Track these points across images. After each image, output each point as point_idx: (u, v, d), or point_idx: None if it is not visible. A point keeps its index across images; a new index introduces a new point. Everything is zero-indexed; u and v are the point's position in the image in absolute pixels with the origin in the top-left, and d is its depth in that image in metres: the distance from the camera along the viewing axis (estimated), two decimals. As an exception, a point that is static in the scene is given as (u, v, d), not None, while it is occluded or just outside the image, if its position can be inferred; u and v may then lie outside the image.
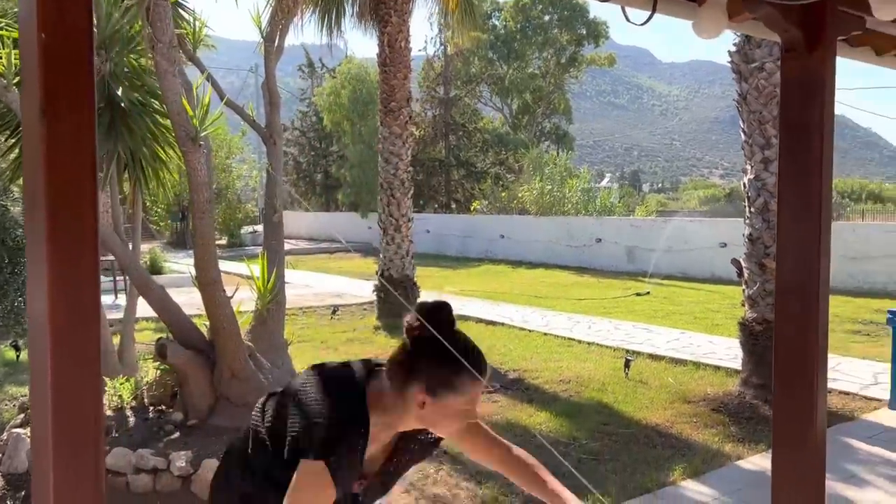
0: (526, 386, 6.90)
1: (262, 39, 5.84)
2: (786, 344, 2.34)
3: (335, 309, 11.03)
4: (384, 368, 1.68)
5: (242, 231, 27.95)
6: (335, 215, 30.44)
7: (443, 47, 29.44)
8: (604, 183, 48.78)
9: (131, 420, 4.88)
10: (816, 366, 2.29)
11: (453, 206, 29.03)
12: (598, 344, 8.65)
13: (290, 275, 17.28)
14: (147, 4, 3.57)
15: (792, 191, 2.22)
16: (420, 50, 30.00)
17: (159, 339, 4.72)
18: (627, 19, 2.88)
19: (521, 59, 35.83)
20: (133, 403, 5.24)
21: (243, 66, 35.57)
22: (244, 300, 5.58)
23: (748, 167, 5.95)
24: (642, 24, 2.71)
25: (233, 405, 4.79)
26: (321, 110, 28.19)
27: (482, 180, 29.40)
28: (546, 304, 12.28)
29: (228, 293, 4.82)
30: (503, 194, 25.05)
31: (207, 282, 4.27)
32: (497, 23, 37.34)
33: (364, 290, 12.85)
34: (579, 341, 8.85)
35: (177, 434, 4.70)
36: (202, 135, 3.76)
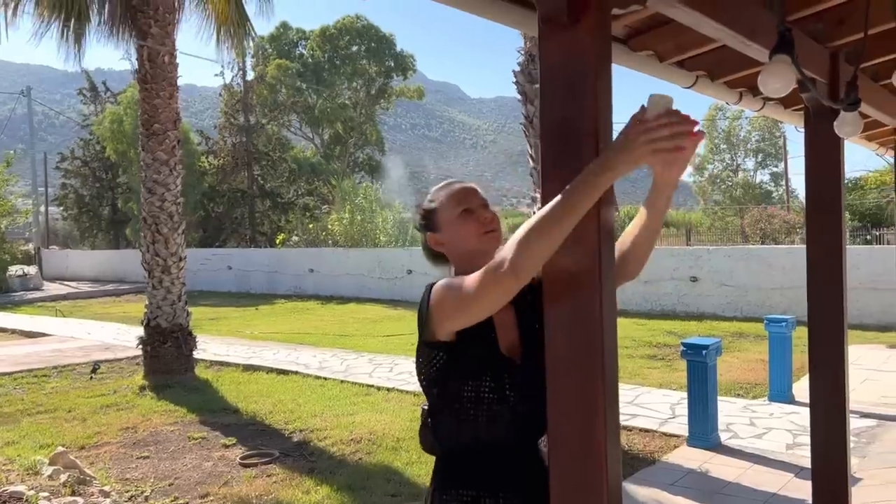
0: (311, 451, 5.94)
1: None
2: (562, 408, 1.60)
3: (96, 366, 9.35)
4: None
5: (9, 274, 24.19)
6: (125, 252, 27.45)
7: (240, 72, 27.95)
8: (419, 213, 49.19)
9: None
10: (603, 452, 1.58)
11: (259, 239, 27.34)
12: (398, 390, 7.91)
13: (56, 325, 14.99)
14: None
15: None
16: (217, 75, 28.22)
17: None
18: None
19: (331, 89, 35.17)
20: None
21: (13, 89, 31.53)
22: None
23: (537, 195, 5.53)
24: (367, -2, 1.98)
25: None
26: (103, 139, 25.45)
27: (290, 211, 28.06)
28: (351, 344, 11.42)
29: None
30: (311, 226, 23.95)
31: None
32: (304, 52, 36.47)
33: (141, 339, 11.22)
34: (378, 388, 8.06)
35: None
36: None
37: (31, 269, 25.42)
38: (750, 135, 41.56)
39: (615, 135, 1.50)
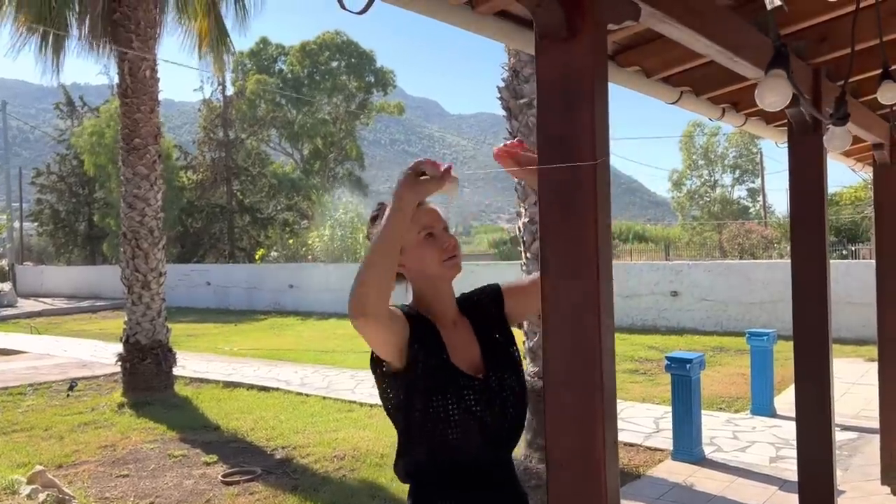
0: (294, 468, 5.88)
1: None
2: (561, 425, 1.61)
3: (73, 384, 9.19)
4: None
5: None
6: (102, 269, 27.09)
7: (220, 87, 27.86)
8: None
9: None
10: (603, 474, 1.59)
11: (238, 254, 27.13)
12: (380, 406, 7.84)
13: (31, 342, 14.71)
14: None
15: (557, 236, 1.53)
16: (196, 90, 28.08)
17: None
18: (343, 6, 2.15)
19: (311, 104, 35.16)
20: None
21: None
22: None
23: (522, 210, 5.55)
24: (360, 13, 2.02)
25: None
26: (81, 152, 25.17)
27: (269, 227, 27.91)
28: (332, 360, 11.35)
29: None
30: (290, 241, 23.83)
31: None
32: (284, 67, 36.46)
33: (119, 356, 11.04)
34: (361, 404, 7.99)
35: None
36: None
37: (5, 286, 25.00)
38: (727, 151, 42.13)
39: (612, 146, 1.52)
